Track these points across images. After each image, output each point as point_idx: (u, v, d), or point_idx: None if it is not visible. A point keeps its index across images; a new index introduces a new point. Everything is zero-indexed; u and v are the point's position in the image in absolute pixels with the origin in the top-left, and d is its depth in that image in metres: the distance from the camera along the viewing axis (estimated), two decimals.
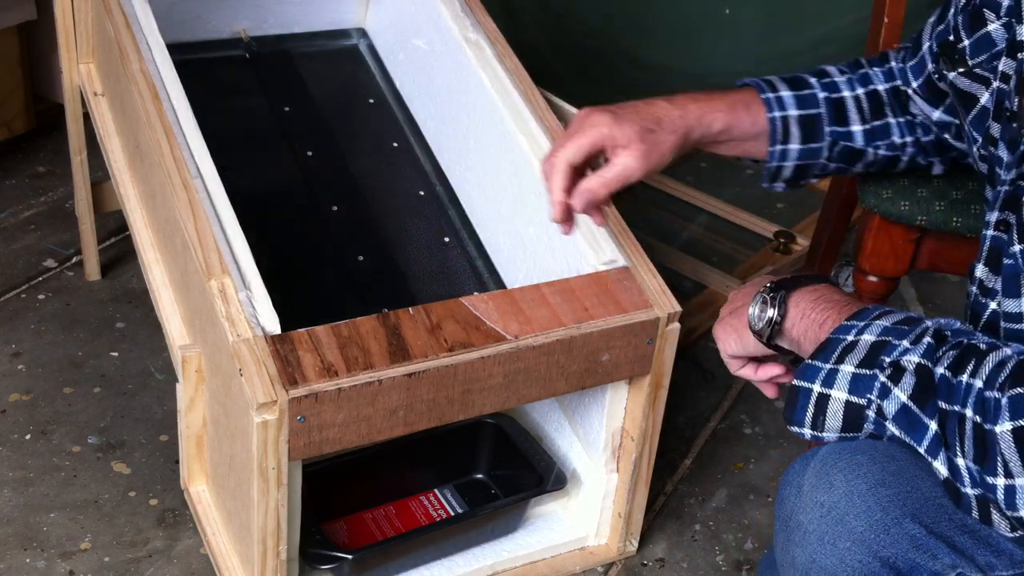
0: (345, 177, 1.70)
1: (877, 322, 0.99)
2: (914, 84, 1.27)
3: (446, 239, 1.65)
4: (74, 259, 2.01)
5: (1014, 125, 1.06)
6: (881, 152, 1.32)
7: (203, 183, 1.35)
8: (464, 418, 1.30)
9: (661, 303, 1.36)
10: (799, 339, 1.06)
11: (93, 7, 1.66)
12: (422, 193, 1.71)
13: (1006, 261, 1.02)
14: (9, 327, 1.85)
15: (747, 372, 1.16)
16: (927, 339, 0.95)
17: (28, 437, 1.65)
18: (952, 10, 1.19)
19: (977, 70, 1.14)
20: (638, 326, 1.34)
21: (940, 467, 0.93)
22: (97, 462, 1.62)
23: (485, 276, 1.61)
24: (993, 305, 1.05)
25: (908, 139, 1.32)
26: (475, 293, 1.53)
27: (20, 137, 2.30)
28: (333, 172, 1.71)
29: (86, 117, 1.76)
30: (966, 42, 1.15)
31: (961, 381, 0.91)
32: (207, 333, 1.32)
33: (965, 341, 0.94)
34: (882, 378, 0.96)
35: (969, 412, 0.90)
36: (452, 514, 1.54)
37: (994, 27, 1.11)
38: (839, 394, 0.98)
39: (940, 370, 0.93)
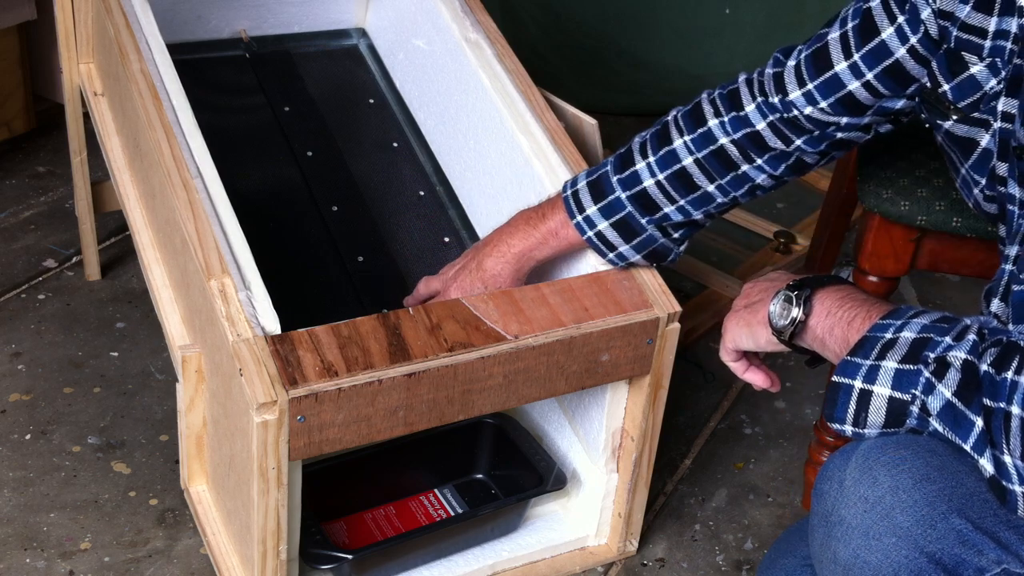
0: (345, 177, 1.70)
1: (915, 320, 0.99)
2: (823, 103, 1.22)
3: (446, 239, 1.65)
4: (74, 259, 2.01)
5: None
6: (712, 210, 1.34)
7: (203, 183, 1.35)
8: (464, 418, 1.30)
9: (661, 303, 1.36)
10: (823, 336, 1.06)
11: (93, 7, 1.66)
12: (422, 193, 1.71)
13: (1015, 288, 1.02)
14: (9, 327, 1.85)
15: (737, 368, 1.18)
16: (971, 336, 0.95)
17: (28, 437, 1.65)
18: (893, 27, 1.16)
19: (975, 114, 1.11)
20: (638, 326, 1.34)
21: (986, 464, 0.93)
22: (97, 462, 1.62)
23: None
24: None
25: (738, 192, 1.32)
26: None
27: (20, 137, 2.30)
28: (333, 172, 1.71)
29: (86, 117, 1.76)
30: (947, 86, 1.12)
31: (1006, 378, 0.91)
32: (207, 333, 1.32)
33: (1005, 339, 0.94)
34: (927, 373, 0.96)
35: (1016, 409, 0.90)
36: (452, 514, 1.54)
37: (977, 69, 1.08)
38: (882, 390, 0.98)
39: (984, 367, 0.93)
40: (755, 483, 1.70)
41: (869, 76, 1.19)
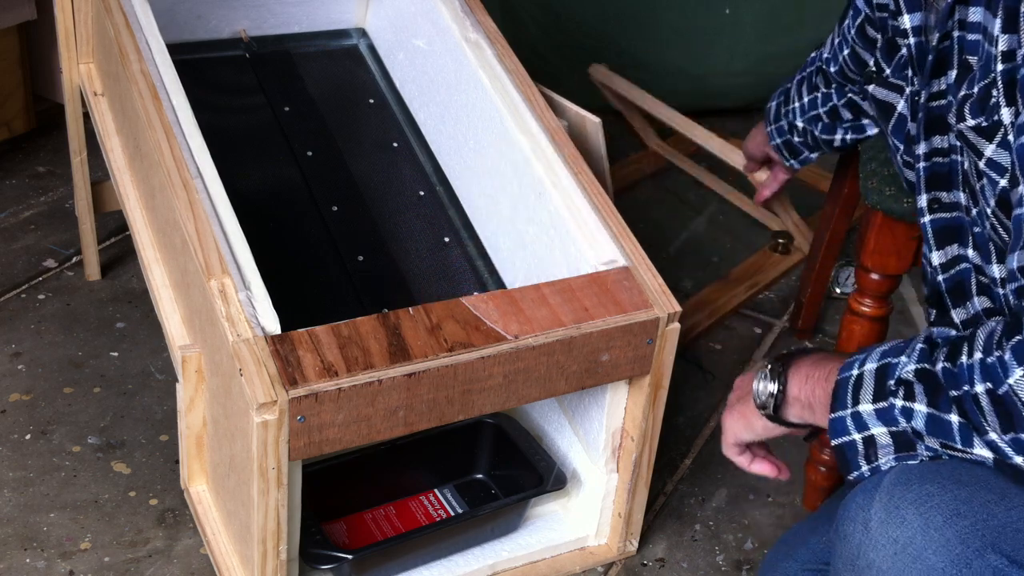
0: (345, 177, 1.70)
1: (876, 349, 1.00)
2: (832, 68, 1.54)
3: (446, 239, 1.65)
4: (74, 259, 2.01)
5: (918, 99, 1.14)
6: (810, 124, 1.63)
7: (203, 183, 1.35)
8: (464, 418, 1.30)
9: (661, 303, 1.36)
10: (808, 400, 1.06)
11: (93, 7, 1.66)
12: (422, 193, 1.71)
13: (976, 229, 1.07)
14: (9, 327, 1.85)
15: (742, 461, 1.18)
16: (919, 345, 0.97)
17: (28, 437, 1.65)
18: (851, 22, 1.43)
19: (891, 79, 1.25)
20: (638, 326, 1.34)
21: (982, 452, 0.92)
22: (97, 462, 1.62)
23: (485, 276, 1.61)
24: (975, 273, 1.09)
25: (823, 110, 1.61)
26: (475, 293, 1.53)
27: (20, 137, 2.30)
28: (333, 172, 1.71)
29: (86, 117, 1.76)
30: (888, 70, 1.28)
31: (962, 364, 0.92)
32: (207, 333, 1.32)
33: (954, 338, 0.96)
34: (899, 402, 0.96)
35: (979, 387, 0.90)
36: (452, 514, 1.54)
37: (904, 49, 1.22)
38: (878, 430, 0.98)
39: (939, 365, 0.94)
40: (755, 483, 1.70)
41: (846, 52, 1.48)
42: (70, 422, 1.68)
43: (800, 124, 1.62)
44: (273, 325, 1.23)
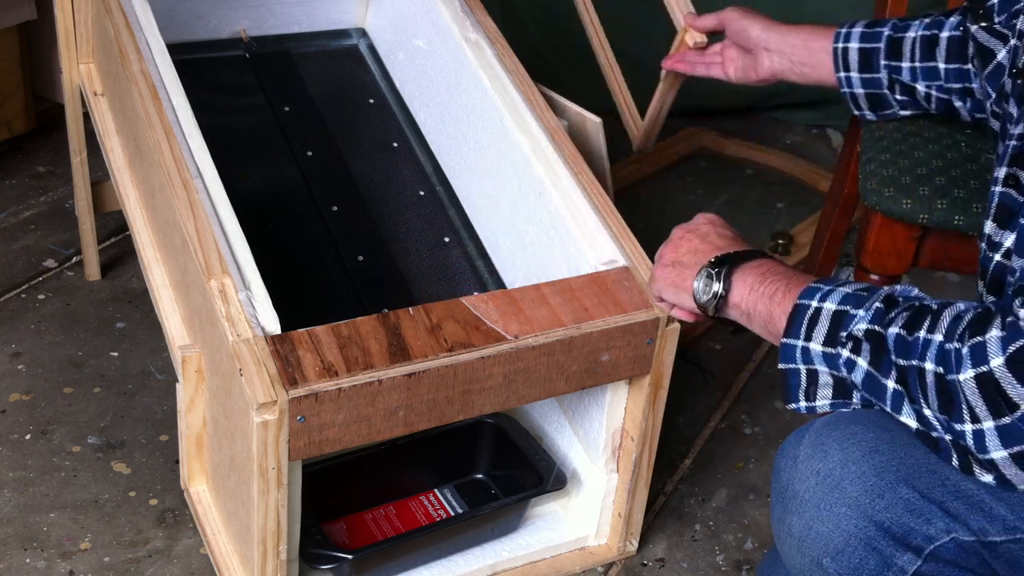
0: (345, 177, 1.70)
1: (839, 289, 1.04)
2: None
3: (446, 239, 1.65)
4: (74, 259, 2.01)
5: (1019, 81, 1.10)
6: (933, 92, 1.40)
7: (203, 183, 1.35)
8: (464, 418, 1.30)
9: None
10: (748, 312, 1.12)
11: (93, 7, 1.66)
12: (422, 193, 1.71)
13: (1021, 221, 1.04)
14: (9, 327, 1.85)
15: (664, 306, 1.30)
16: (876, 304, 1.00)
17: (28, 437, 1.65)
18: None
19: (997, 26, 1.22)
20: (638, 326, 1.34)
21: (908, 420, 0.97)
22: (97, 462, 1.62)
23: (485, 276, 1.61)
24: (998, 257, 1.08)
25: (956, 85, 1.39)
26: (475, 293, 1.54)
27: (20, 137, 2.30)
28: (333, 172, 1.71)
29: (86, 117, 1.76)
30: (995, 0, 1.24)
31: (918, 337, 0.95)
32: (207, 333, 1.32)
33: (917, 304, 0.99)
34: (845, 353, 1.01)
35: (929, 365, 0.94)
36: (452, 514, 1.54)
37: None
38: (823, 368, 1.04)
39: (893, 330, 0.97)
40: (755, 483, 1.70)
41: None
42: (70, 422, 1.68)
43: (922, 89, 1.40)
44: (273, 325, 1.23)
